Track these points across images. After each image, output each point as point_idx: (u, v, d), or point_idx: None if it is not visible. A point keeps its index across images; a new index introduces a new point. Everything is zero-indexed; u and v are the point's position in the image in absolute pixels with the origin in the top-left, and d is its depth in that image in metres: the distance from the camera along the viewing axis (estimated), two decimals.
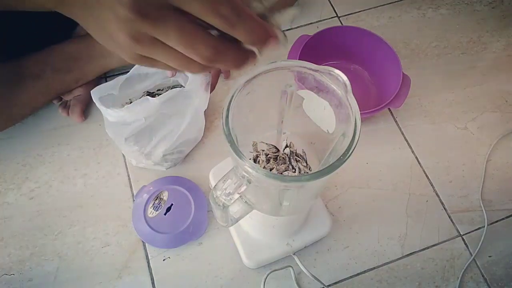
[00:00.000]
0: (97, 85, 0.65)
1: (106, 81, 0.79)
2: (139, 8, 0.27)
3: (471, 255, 0.71)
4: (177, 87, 0.69)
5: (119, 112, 0.61)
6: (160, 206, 0.69)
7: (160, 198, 0.70)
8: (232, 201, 0.41)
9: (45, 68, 0.74)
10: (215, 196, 0.42)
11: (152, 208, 0.69)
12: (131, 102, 0.73)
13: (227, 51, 0.30)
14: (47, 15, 0.49)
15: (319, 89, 0.44)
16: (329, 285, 0.68)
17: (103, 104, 0.62)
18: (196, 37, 0.28)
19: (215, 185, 0.42)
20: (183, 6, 0.27)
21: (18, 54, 0.72)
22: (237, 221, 0.50)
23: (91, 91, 0.64)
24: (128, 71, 0.68)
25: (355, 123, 0.40)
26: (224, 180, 0.41)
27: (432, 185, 0.77)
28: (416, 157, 0.79)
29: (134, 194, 0.74)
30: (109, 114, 0.61)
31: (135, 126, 0.64)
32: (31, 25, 0.73)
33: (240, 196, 0.41)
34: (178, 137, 0.69)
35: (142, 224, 0.69)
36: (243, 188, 0.40)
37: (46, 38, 0.74)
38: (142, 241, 0.71)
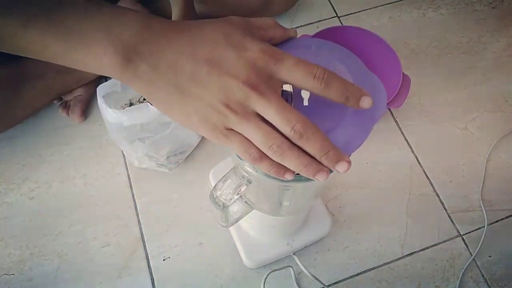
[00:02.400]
0: (97, 85, 0.65)
1: (106, 81, 0.79)
2: (251, 81, 0.30)
3: (471, 255, 0.71)
4: None
5: (118, 113, 0.61)
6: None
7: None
8: (232, 201, 0.41)
9: (46, 69, 0.74)
10: (215, 196, 0.42)
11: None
12: (131, 104, 0.73)
13: (317, 133, 0.31)
14: None
15: None
16: (329, 285, 0.68)
17: (106, 102, 0.62)
18: (292, 112, 0.30)
19: (215, 185, 0.42)
20: (283, 75, 0.31)
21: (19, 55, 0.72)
22: (237, 221, 0.50)
23: (97, 88, 0.64)
24: None
25: None
26: (224, 180, 0.41)
27: (432, 185, 0.77)
28: (416, 157, 0.79)
29: (134, 194, 0.74)
30: (109, 114, 0.61)
31: (134, 131, 0.64)
32: None
33: (240, 196, 0.41)
34: (181, 139, 0.69)
35: None
36: (243, 188, 0.40)
37: None
38: (142, 241, 0.71)
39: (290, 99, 0.34)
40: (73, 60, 0.31)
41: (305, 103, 0.34)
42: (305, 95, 0.34)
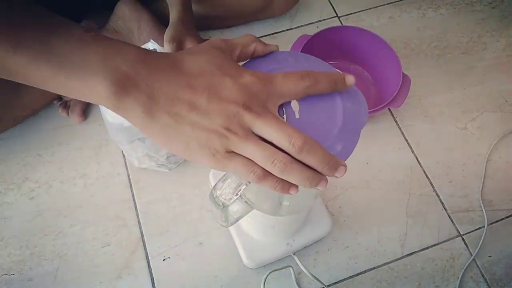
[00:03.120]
0: None
1: None
2: (249, 105, 0.32)
3: (471, 255, 0.71)
4: None
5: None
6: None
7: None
8: (232, 200, 0.41)
9: None
10: (214, 196, 0.42)
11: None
12: None
13: (317, 148, 0.32)
14: None
15: None
16: (329, 285, 0.68)
17: None
18: (289, 129, 0.32)
19: (215, 185, 0.42)
20: (277, 91, 0.34)
21: None
22: (237, 221, 0.50)
23: None
24: None
25: None
26: (224, 180, 0.41)
27: (432, 185, 0.77)
28: (416, 157, 0.79)
29: (134, 194, 0.74)
30: (110, 114, 0.61)
31: (135, 131, 0.64)
32: None
33: (240, 196, 0.41)
34: None
35: None
36: (242, 188, 0.40)
37: None
38: (142, 241, 0.71)
39: (282, 112, 0.35)
40: (66, 88, 0.31)
41: (296, 115, 0.35)
42: (295, 108, 0.36)
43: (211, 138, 0.31)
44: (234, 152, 0.32)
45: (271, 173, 0.32)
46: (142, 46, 0.66)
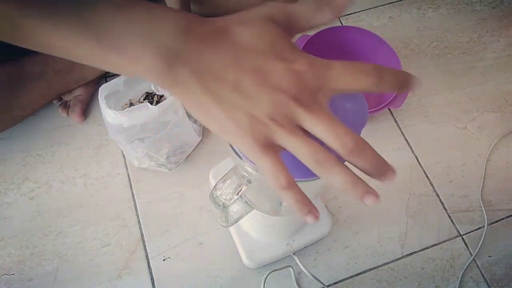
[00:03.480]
0: (98, 85, 0.65)
1: (106, 81, 0.79)
2: (298, 95, 0.28)
3: (471, 255, 0.71)
4: None
5: (118, 114, 0.61)
6: None
7: None
8: (232, 201, 0.41)
9: (46, 69, 0.74)
10: (215, 196, 0.42)
11: None
12: (131, 104, 0.73)
13: (369, 150, 0.29)
14: None
15: None
16: (329, 285, 0.68)
17: (106, 102, 0.62)
18: (343, 126, 0.28)
19: (215, 185, 0.42)
20: (333, 84, 0.29)
21: (17, 54, 0.72)
22: (237, 221, 0.50)
23: (100, 88, 0.64)
24: None
25: None
26: (224, 180, 0.41)
27: (432, 185, 0.77)
28: (416, 157, 0.79)
29: (134, 194, 0.74)
30: (109, 115, 0.61)
31: (134, 132, 0.64)
32: None
33: (240, 196, 0.41)
34: (181, 137, 0.69)
35: None
36: (243, 188, 0.40)
37: None
38: (142, 241, 0.71)
39: None
40: (104, 62, 0.29)
41: None
42: None
43: (252, 125, 0.28)
44: (272, 144, 0.29)
45: (295, 186, 0.29)
46: None
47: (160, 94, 0.75)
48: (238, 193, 0.40)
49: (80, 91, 0.80)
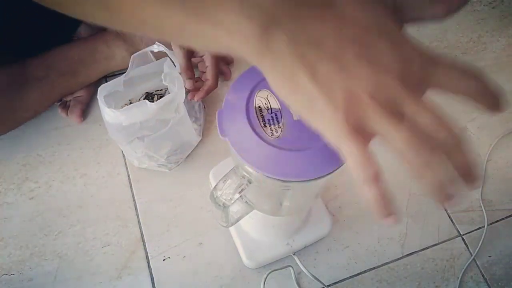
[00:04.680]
0: (98, 86, 0.65)
1: (106, 81, 0.79)
2: (405, 79, 0.26)
3: (471, 255, 0.71)
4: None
5: (116, 112, 0.61)
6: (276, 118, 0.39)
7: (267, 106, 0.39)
8: (233, 201, 0.41)
9: (50, 71, 0.74)
10: (215, 196, 0.42)
11: (268, 124, 0.38)
12: (130, 103, 0.73)
13: (464, 148, 0.27)
14: (48, 17, 0.49)
15: None
16: (329, 285, 0.68)
17: (106, 102, 0.62)
18: (447, 119, 0.27)
19: (216, 185, 0.42)
20: (439, 77, 0.28)
21: (20, 56, 0.73)
22: (237, 221, 0.50)
23: (99, 88, 0.64)
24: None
25: None
26: (225, 180, 0.41)
27: None
28: None
29: (134, 194, 0.74)
30: (108, 113, 0.61)
31: (134, 130, 0.64)
32: (32, 27, 0.73)
33: (240, 196, 0.41)
34: (181, 137, 0.69)
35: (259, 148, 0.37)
36: (243, 188, 0.40)
37: (47, 40, 0.74)
38: (142, 241, 0.71)
39: (280, 115, 0.34)
40: (197, 33, 0.27)
41: (295, 117, 0.34)
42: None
43: (347, 103, 0.25)
44: (363, 129, 0.26)
45: (381, 181, 0.27)
46: (147, 49, 0.67)
47: (161, 94, 0.75)
48: (238, 193, 0.40)
49: (81, 92, 0.80)
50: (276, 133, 0.35)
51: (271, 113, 0.34)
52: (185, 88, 0.67)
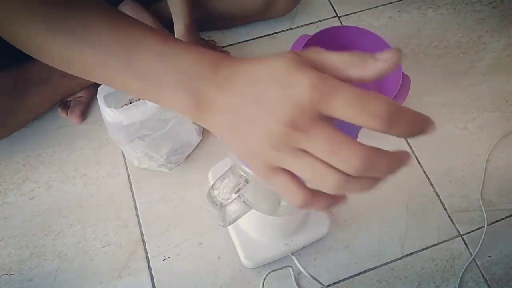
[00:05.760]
0: (98, 86, 0.65)
1: None
2: (294, 122, 0.27)
3: (471, 255, 0.71)
4: None
5: (116, 112, 0.61)
6: None
7: None
8: (230, 200, 0.41)
9: (52, 74, 0.74)
10: (212, 196, 0.42)
11: None
12: (130, 103, 0.73)
13: (379, 160, 0.27)
14: None
15: None
16: (329, 285, 0.68)
17: (106, 102, 0.62)
18: (347, 144, 0.27)
19: (213, 184, 0.42)
20: (335, 114, 0.27)
21: (21, 59, 0.73)
22: (235, 221, 0.50)
23: (99, 88, 0.64)
24: None
25: None
26: (222, 179, 0.41)
27: (432, 185, 0.77)
28: (416, 157, 0.79)
29: (134, 194, 0.74)
30: (107, 112, 0.62)
31: (134, 129, 0.64)
32: None
33: (238, 196, 0.41)
34: (181, 137, 0.69)
35: None
36: (240, 188, 0.40)
37: None
38: (142, 241, 0.71)
39: None
40: (145, 96, 0.33)
41: None
42: None
43: (258, 151, 0.29)
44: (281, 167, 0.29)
45: (313, 198, 0.29)
46: None
47: None
48: (235, 193, 0.40)
49: (81, 92, 0.80)
50: None
51: None
52: None
